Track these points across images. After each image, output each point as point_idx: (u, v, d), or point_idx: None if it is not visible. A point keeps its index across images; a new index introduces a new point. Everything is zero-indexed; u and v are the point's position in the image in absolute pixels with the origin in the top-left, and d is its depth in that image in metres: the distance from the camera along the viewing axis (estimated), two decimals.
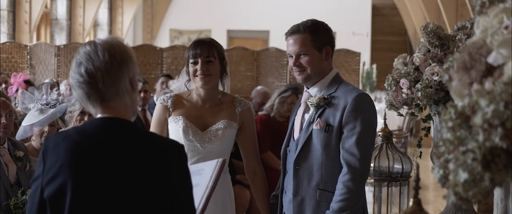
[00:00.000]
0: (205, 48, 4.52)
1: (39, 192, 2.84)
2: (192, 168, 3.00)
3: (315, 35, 4.27)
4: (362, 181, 4.21)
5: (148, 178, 2.79)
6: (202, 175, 3.99)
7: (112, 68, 2.82)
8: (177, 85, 4.84)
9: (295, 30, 4.31)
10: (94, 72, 2.81)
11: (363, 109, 4.18)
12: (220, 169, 4.03)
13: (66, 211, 2.78)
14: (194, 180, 2.95)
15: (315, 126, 4.23)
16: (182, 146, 2.92)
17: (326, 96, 4.24)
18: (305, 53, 4.27)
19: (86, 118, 5.88)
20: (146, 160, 2.81)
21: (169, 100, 4.59)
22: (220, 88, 4.67)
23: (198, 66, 4.50)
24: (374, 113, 4.28)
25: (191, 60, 4.52)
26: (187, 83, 4.65)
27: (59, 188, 2.79)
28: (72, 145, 2.82)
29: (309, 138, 4.25)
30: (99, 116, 2.88)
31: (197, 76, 4.51)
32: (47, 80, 11.34)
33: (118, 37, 2.99)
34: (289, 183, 4.35)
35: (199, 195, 3.55)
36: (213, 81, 4.55)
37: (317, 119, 4.23)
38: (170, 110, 4.57)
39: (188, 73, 4.59)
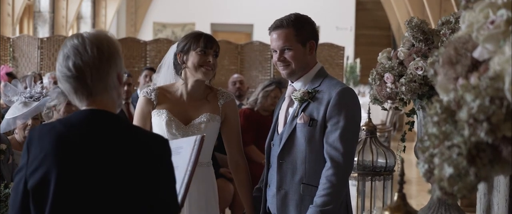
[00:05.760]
0: (215, 43, 4.58)
1: (22, 183, 2.83)
2: (170, 145, 2.96)
3: (299, 30, 4.27)
4: (345, 175, 4.21)
5: (131, 171, 2.79)
6: (181, 154, 3.93)
7: (100, 64, 2.81)
8: (164, 78, 4.79)
9: (278, 25, 4.30)
10: (83, 67, 2.80)
11: (347, 104, 4.18)
12: (199, 147, 3.98)
13: (49, 201, 2.77)
14: (173, 161, 2.93)
15: (299, 120, 4.23)
16: (166, 140, 2.92)
17: (310, 91, 4.24)
18: (289, 48, 4.26)
19: (74, 109, 5.86)
20: (130, 152, 2.81)
21: (152, 93, 4.57)
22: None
23: (210, 57, 4.52)
24: (358, 107, 4.28)
25: (199, 50, 4.50)
26: (176, 76, 4.64)
27: (42, 178, 2.78)
28: (57, 135, 2.81)
29: (293, 132, 4.25)
30: (83, 107, 2.87)
31: (202, 66, 4.51)
32: (29, 73, 11.27)
33: (105, 30, 2.97)
34: (273, 177, 4.35)
35: (178, 180, 3.46)
36: (212, 75, 4.60)
37: (301, 113, 4.23)
38: (154, 103, 4.56)
39: (181, 62, 4.56)
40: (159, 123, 4.52)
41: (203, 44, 4.51)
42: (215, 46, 4.55)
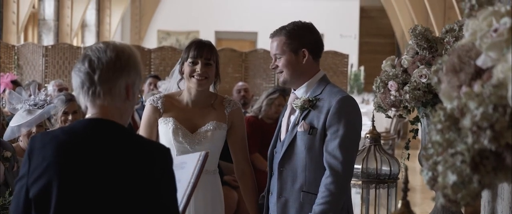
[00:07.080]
0: (206, 51, 4.53)
1: (24, 191, 2.84)
2: (175, 160, 2.98)
3: (290, 38, 4.27)
4: (344, 184, 4.20)
5: (133, 180, 2.80)
6: (185, 169, 3.95)
7: (113, 67, 2.84)
8: (167, 86, 4.82)
9: (275, 33, 4.36)
10: (96, 65, 2.83)
11: (347, 112, 4.17)
12: (202, 163, 4.00)
13: (52, 210, 2.78)
14: (176, 174, 2.94)
15: (299, 128, 4.23)
16: (168, 149, 2.92)
17: (311, 99, 4.24)
18: (280, 55, 4.30)
19: (70, 117, 5.89)
20: (132, 162, 2.82)
21: (159, 101, 4.57)
22: (211, 90, 4.67)
23: (198, 67, 4.50)
24: (358, 116, 4.27)
25: (190, 60, 4.51)
26: (179, 82, 4.65)
27: (45, 187, 2.79)
28: (59, 145, 2.82)
29: (294, 140, 4.25)
30: (88, 115, 2.89)
31: (193, 77, 4.50)
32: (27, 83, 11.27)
33: (132, 46, 3.03)
34: (274, 184, 4.35)
35: (180, 192, 3.48)
36: (208, 84, 4.57)
37: (301, 121, 4.23)
38: (161, 111, 4.56)
39: (181, 72, 4.59)
40: (165, 131, 4.52)
41: (192, 54, 4.51)
42: (206, 54, 4.52)
